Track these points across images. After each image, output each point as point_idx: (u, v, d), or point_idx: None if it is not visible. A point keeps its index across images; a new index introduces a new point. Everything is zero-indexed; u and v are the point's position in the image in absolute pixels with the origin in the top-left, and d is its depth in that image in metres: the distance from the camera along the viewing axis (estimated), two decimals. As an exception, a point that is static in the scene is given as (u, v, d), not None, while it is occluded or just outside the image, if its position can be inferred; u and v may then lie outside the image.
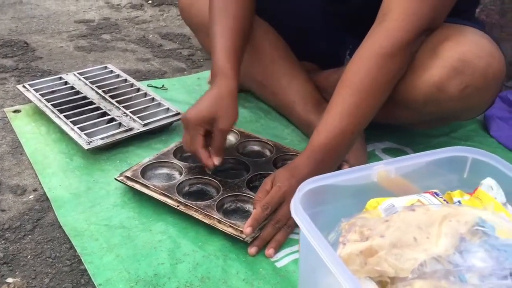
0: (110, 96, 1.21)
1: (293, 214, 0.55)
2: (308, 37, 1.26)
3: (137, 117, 1.14)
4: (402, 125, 1.14)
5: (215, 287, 0.78)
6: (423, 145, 1.19)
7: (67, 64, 1.48)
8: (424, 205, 0.56)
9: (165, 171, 1.00)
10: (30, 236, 0.87)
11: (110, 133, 1.08)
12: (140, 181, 0.94)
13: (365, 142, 1.11)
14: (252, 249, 0.84)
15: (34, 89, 1.20)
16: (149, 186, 0.93)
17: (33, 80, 1.30)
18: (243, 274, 0.81)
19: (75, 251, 0.83)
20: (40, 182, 0.99)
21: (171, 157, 1.03)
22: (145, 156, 1.06)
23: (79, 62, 1.50)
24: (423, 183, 0.65)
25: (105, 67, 1.34)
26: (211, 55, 1.02)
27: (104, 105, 1.18)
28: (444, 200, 0.61)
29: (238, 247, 0.85)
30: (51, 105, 1.15)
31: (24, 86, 1.21)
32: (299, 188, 0.58)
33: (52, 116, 1.12)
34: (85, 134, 1.06)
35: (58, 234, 0.87)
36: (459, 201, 0.61)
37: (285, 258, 0.84)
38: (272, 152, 1.08)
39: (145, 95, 1.24)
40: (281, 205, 0.86)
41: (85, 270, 0.80)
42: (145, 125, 1.12)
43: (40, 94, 1.18)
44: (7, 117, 1.18)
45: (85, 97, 1.20)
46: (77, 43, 1.61)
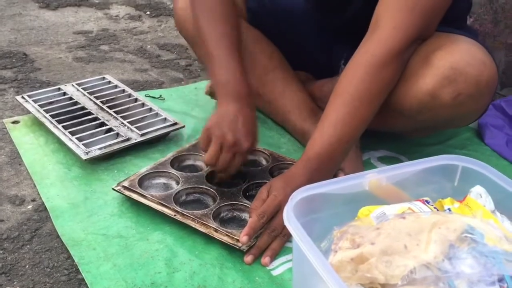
0: (108, 106, 1.22)
1: (286, 222, 0.56)
2: (302, 47, 1.27)
3: (134, 127, 1.15)
4: (397, 132, 1.16)
5: (211, 295, 0.79)
6: (418, 153, 1.20)
7: (65, 75, 1.49)
8: (414, 213, 0.57)
9: (162, 180, 1.01)
10: (28, 246, 0.88)
11: (108, 143, 1.09)
12: (137, 190, 0.95)
13: (360, 150, 1.12)
14: (248, 258, 0.85)
15: (33, 100, 1.21)
16: (146, 195, 0.94)
17: (32, 91, 1.31)
18: (239, 282, 0.81)
19: (73, 260, 0.84)
20: (38, 192, 1.00)
21: (168, 166, 1.04)
22: (142, 166, 1.07)
23: (77, 73, 1.51)
24: (414, 191, 0.66)
25: (103, 78, 1.36)
26: (209, 59, 1.00)
27: (102, 116, 1.19)
28: (435, 208, 0.62)
29: (234, 255, 0.86)
30: (50, 115, 1.16)
31: (23, 97, 1.23)
32: (291, 196, 0.59)
33: (51, 126, 1.13)
34: (83, 144, 1.07)
35: (56, 244, 0.88)
36: (449, 209, 0.62)
37: (281, 266, 0.85)
38: (268, 161, 1.10)
39: (143, 105, 1.25)
40: (277, 213, 0.87)
41: (83, 280, 0.80)
42: (142, 135, 1.13)
43: (39, 105, 1.20)
44: (6, 128, 1.19)
45: (83, 108, 1.21)
46: (76, 54, 1.63)
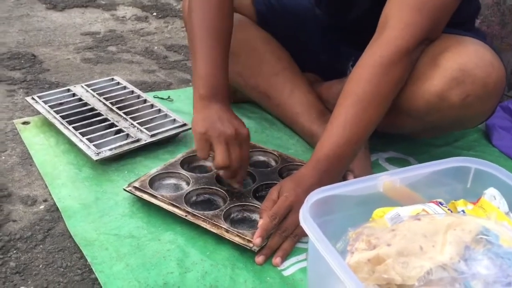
0: (117, 107, 1.23)
1: (302, 223, 0.56)
2: (310, 48, 1.28)
3: (144, 128, 1.16)
4: (405, 134, 1.16)
5: (223, 295, 0.79)
6: (426, 154, 1.21)
7: (74, 76, 1.50)
8: (429, 214, 0.58)
9: (172, 181, 1.02)
10: (41, 246, 0.88)
11: (118, 144, 1.10)
12: (148, 191, 0.96)
13: (369, 151, 1.13)
14: (260, 258, 0.86)
15: (43, 101, 1.22)
16: (157, 196, 0.95)
17: (41, 92, 1.32)
18: (250, 283, 0.82)
19: (86, 260, 0.85)
20: (50, 192, 1.01)
21: (178, 167, 1.04)
22: (152, 167, 1.08)
23: (86, 74, 1.52)
24: (427, 192, 0.67)
25: (112, 79, 1.36)
26: (194, 62, 0.99)
27: (112, 117, 1.20)
28: (449, 210, 0.62)
29: (245, 256, 0.87)
30: (60, 116, 1.17)
31: (33, 98, 1.23)
32: (307, 198, 0.59)
33: (61, 127, 1.14)
34: (93, 145, 1.08)
35: (68, 244, 0.89)
36: (463, 211, 0.62)
37: (292, 266, 0.86)
38: (277, 162, 1.10)
39: (152, 106, 1.26)
40: (288, 214, 0.88)
41: (96, 279, 0.81)
42: (152, 136, 1.14)
43: (49, 106, 1.20)
44: (16, 129, 1.20)
45: (93, 109, 1.22)
46: (84, 55, 1.64)
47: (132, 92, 1.31)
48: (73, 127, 1.13)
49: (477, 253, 0.50)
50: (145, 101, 1.28)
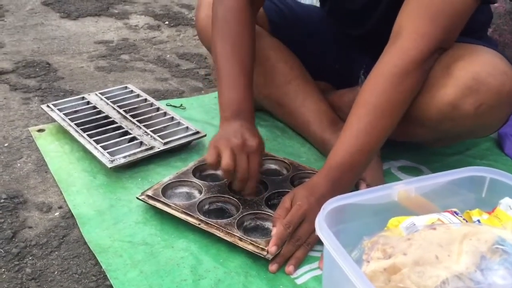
0: (131, 115, 1.24)
1: (318, 231, 0.57)
2: (322, 57, 1.29)
3: (157, 136, 1.17)
4: (417, 143, 1.16)
5: (237, 303, 0.80)
6: (438, 163, 1.20)
7: (88, 84, 1.52)
8: (444, 224, 0.58)
9: (185, 189, 1.03)
10: (56, 253, 0.89)
11: (132, 151, 1.11)
12: (161, 199, 0.97)
13: (381, 160, 1.13)
14: (273, 266, 0.86)
15: (58, 108, 1.24)
16: (171, 204, 0.95)
17: (56, 100, 1.34)
18: (264, 290, 0.82)
19: (100, 267, 0.86)
20: (65, 199, 1.02)
21: (191, 176, 1.05)
22: (165, 174, 1.08)
23: (99, 82, 1.54)
24: (442, 202, 0.67)
25: (126, 87, 1.38)
26: (219, 79, 1.03)
27: (126, 124, 1.21)
28: (464, 219, 0.62)
29: (258, 264, 0.87)
30: (75, 124, 1.18)
31: (48, 106, 1.25)
32: (323, 207, 0.60)
33: (76, 135, 1.15)
34: (108, 152, 1.09)
35: (83, 251, 0.90)
36: (479, 220, 0.63)
37: (305, 275, 0.86)
38: (289, 170, 1.11)
39: (165, 114, 1.27)
40: (301, 223, 0.88)
41: (111, 286, 0.82)
42: (165, 143, 1.15)
43: (64, 114, 1.22)
44: (31, 136, 1.21)
45: (107, 117, 1.23)
46: (97, 64, 1.66)
47: (145, 100, 1.33)
48: (87, 135, 1.15)
49: (493, 263, 0.50)
50: (158, 109, 1.29)
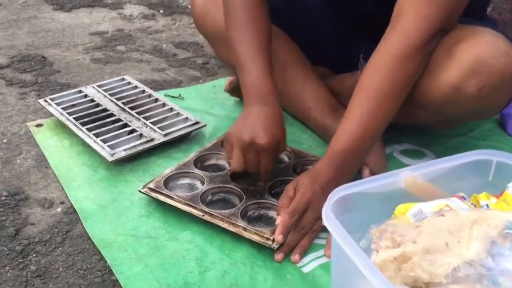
0: (129, 107, 1.23)
1: (325, 222, 0.56)
2: (320, 41, 1.27)
3: (157, 127, 1.16)
4: (420, 126, 1.15)
5: (244, 294, 0.79)
6: (441, 145, 1.20)
7: (84, 76, 1.50)
8: (453, 210, 0.57)
9: (187, 181, 1.02)
10: (60, 249, 0.89)
11: (132, 144, 1.10)
12: (164, 192, 0.96)
13: (383, 144, 1.12)
14: (279, 256, 0.85)
15: (55, 103, 1.23)
16: (173, 197, 0.95)
17: (53, 94, 1.32)
18: (270, 280, 0.82)
19: (105, 262, 0.85)
20: (66, 194, 1.01)
21: (192, 167, 1.04)
22: (166, 166, 1.08)
23: (96, 74, 1.52)
24: (449, 187, 0.66)
25: (123, 79, 1.36)
26: (239, 70, 1.01)
27: (125, 117, 1.20)
28: (472, 204, 0.62)
29: (264, 253, 0.87)
30: (73, 118, 1.17)
31: (46, 100, 1.24)
32: (329, 196, 0.59)
33: (75, 129, 1.14)
34: (108, 146, 1.08)
35: (87, 246, 0.89)
36: (487, 205, 0.62)
37: (311, 263, 0.85)
38: (291, 158, 1.10)
39: (164, 105, 1.26)
40: (305, 211, 0.87)
41: (116, 281, 0.82)
42: (165, 135, 1.14)
43: (62, 108, 1.21)
44: (30, 132, 1.20)
45: (105, 109, 1.22)
46: (93, 55, 1.64)
47: (143, 91, 1.31)
48: (86, 129, 1.14)
49: (504, 248, 0.50)
50: (156, 100, 1.28)
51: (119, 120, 1.18)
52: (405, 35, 0.90)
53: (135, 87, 1.33)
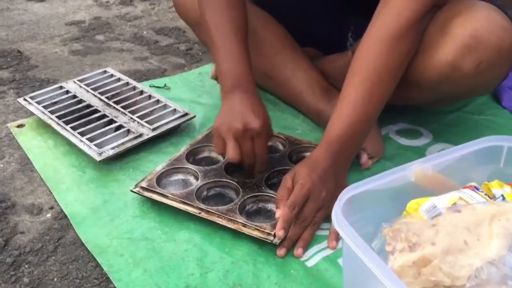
0: (114, 102, 1.18)
1: (336, 226, 0.53)
2: (307, 21, 1.23)
3: (145, 121, 1.12)
4: (415, 105, 1.13)
5: (248, 293, 0.77)
6: (436, 123, 1.17)
7: (64, 70, 1.45)
8: (469, 205, 0.55)
9: (180, 177, 0.99)
10: (53, 257, 0.85)
11: (120, 141, 1.05)
12: (157, 190, 0.92)
13: (379, 127, 1.09)
14: (281, 251, 0.83)
15: (35, 101, 1.17)
16: (168, 195, 0.91)
17: (32, 91, 1.27)
18: (274, 277, 0.79)
19: (102, 269, 0.82)
20: (55, 199, 0.97)
21: (184, 161, 1.01)
22: (157, 161, 1.04)
23: (76, 67, 1.46)
24: (460, 176, 0.63)
25: (105, 71, 1.31)
26: (216, 57, 0.98)
27: (110, 112, 1.15)
28: (486, 195, 0.59)
29: (265, 249, 0.84)
30: (56, 117, 1.12)
31: (25, 99, 1.18)
32: (339, 198, 0.56)
33: (59, 128, 1.09)
34: (94, 145, 1.04)
35: (81, 253, 0.86)
36: (503, 196, 0.59)
37: (314, 256, 0.83)
38: (285, 145, 1.07)
39: (149, 97, 1.21)
40: (306, 202, 0.85)
41: (115, 288, 0.78)
42: (154, 129, 1.10)
43: (43, 106, 1.15)
44: (11, 133, 1.15)
45: (89, 105, 1.17)
46: (71, 47, 1.58)
47: (127, 83, 1.26)
48: (71, 127, 1.09)
49: (527, 244, 0.47)
50: (141, 92, 1.23)
51: (104, 116, 1.14)
52: (397, 14, 0.87)
53: (118, 79, 1.28)
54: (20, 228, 0.91)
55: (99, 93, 1.22)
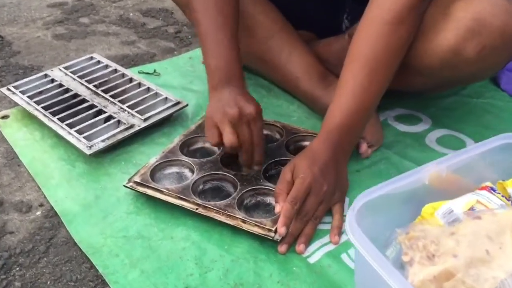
0: (102, 90, 1.14)
1: (351, 236, 0.50)
2: (302, 2, 1.18)
3: (135, 111, 1.07)
4: (413, 91, 1.10)
5: (250, 293, 0.74)
6: (434, 107, 1.15)
7: (48, 56, 1.39)
8: (488, 210, 0.52)
9: (174, 169, 0.95)
10: (45, 259, 0.82)
11: (110, 133, 1.01)
12: (151, 185, 0.89)
13: (377, 114, 1.06)
14: (283, 247, 0.80)
15: (20, 91, 1.12)
16: (162, 190, 0.88)
17: (15, 79, 1.22)
18: (276, 275, 0.77)
19: (97, 270, 0.79)
20: (44, 195, 0.93)
21: (179, 153, 0.97)
22: (149, 153, 1.00)
23: (60, 52, 1.41)
24: (475, 176, 0.61)
25: (91, 58, 1.26)
26: (203, 49, 0.94)
27: (98, 102, 1.10)
28: (503, 196, 0.57)
29: (266, 246, 0.82)
30: (42, 107, 1.07)
31: (9, 89, 1.13)
32: (352, 206, 0.53)
33: (45, 120, 1.05)
34: (84, 137, 0.99)
35: (75, 253, 0.82)
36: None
37: (316, 252, 0.81)
38: (282, 134, 1.03)
39: (139, 85, 1.16)
40: (307, 197, 0.82)
41: (112, 291, 0.76)
42: (145, 120, 1.06)
43: (28, 96, 1.10)
44: (-5, 125, 1.10)
45: (76, 95, 1.12)
46: (55, 31, 1.51)
47: (115, 70, 1.21)
48: (58, 119, 1.04)
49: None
50: (131, 79, 1.18)
51: (92, 106, 1.09)
52: None
53: (106, 66, 1.23)
54: (9, 227, 0.87)
55: (86, 81, 1.17)
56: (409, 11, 0.84)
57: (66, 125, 1.02)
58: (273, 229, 0.80)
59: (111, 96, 1.12)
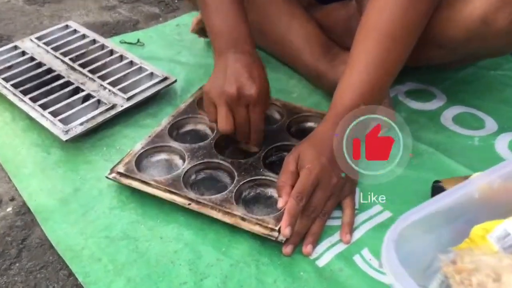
0: (79, 64, 1.01)
1: (388, 270, 0.40)
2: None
3: (117, 89, 0.95)
4: (429, 66, 0.99)
5: (252, 304, 0.66)
6: (448, 80, 1.04)
7: (19, 23, 1.25)
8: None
9: (163, 156, 0.85)
10: (17, 264, 0.72)
11: (90, 115, 0.90)
12: (137, 177, 0.78)
13: (388, 90, 0.96)
14: (288, 248, 0.71)
15: (-14, 66, 1.00)
16: (150, 182, 0.77)
17: (-18, 51, 1.09)
18: (281, 282, 0.68)
19: (77, 278, 0.69)
20: (16, 187, 0.82)
21: (167, 138, 0.86)
22: (134, 137, 0.90)
23: (33, 19, 1.27)
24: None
25: (67, 26, 1.13)
26: (204, 10, 0.84)
27: (75, 78, 0.98)
28: None
29: (268, 246, 0.72)
30: (11, 85, 0.95)
31: (-26, 63, 1.00)
32: (387, 236, 0.43)
33: (16, 100, 0.93)
34: (59, 120, 0.88)
35: (51, 257, 0.72)
36: None
37: (326, 253, 0.71)
38: (283, 115, 0.93)
39: (121, 58, 1.04)
40: (314, 190, 0.72)
41: (94, 304, 0.66)
42: (129, 99, 0.94)
43: (-5, 72, 0.98)
44: (-41, 105, 0.98)
45: (50, 70, 1.00)
46: (27, -5, 1.37)
47: (94, 41, 1.08)
48: (29, 98, 0.92)
49: None
50: (111, 52, 1.06)
51: (69, 83, 0.97)
52: None
53: (83, 36, 1.10)
54: (-24, 227, 0.77)
55: (61, 53, 1.04)
56: None
57: (39, 105, 0.91)
58: (276, 228, 0.71)
59: (89, 71, 0.99)
